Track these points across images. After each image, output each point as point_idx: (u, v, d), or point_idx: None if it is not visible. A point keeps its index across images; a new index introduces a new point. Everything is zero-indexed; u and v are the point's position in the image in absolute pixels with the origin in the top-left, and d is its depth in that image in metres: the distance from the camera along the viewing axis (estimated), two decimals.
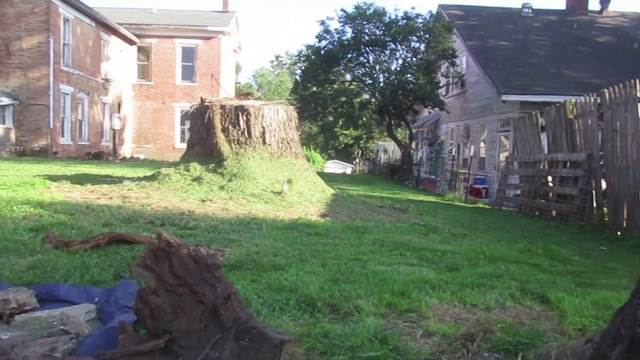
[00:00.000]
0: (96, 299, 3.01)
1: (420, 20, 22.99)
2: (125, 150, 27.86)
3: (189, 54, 28.70)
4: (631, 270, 4.92)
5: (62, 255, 3.88)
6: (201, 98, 9.73)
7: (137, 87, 28.71)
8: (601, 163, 8.82)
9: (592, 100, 9.22)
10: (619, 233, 7.93)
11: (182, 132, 27.92)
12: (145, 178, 9.43)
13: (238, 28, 33.72)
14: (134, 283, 3.15)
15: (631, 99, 7.96)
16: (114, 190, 8.12)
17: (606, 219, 8.54)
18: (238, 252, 4.45)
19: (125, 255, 4.06)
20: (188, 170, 8.90)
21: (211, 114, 9.11)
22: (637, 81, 7.82)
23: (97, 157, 22.72)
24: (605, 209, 8.65)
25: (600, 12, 24.78)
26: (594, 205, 8.92)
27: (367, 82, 24.52)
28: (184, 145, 12.27)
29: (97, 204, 6.89)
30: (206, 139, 9.30)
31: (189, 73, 28.80)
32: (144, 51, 28.82)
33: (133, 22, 27.96)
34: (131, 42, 27.88)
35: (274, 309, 3.01)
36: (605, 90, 8.72)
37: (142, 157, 27.36)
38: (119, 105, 26.96)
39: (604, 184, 8.76)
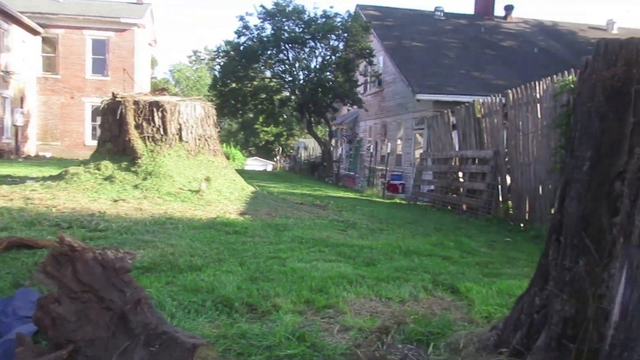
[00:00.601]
0: None
1: (338, 19, 23.32)
2: (30, 148, 25.92)
3: (100, 47, 27.18)
4: (532, 259, 5.28)
5: None
6: (113, 93, 9.26)
7: (42, 80, 26.77)
8: (506, 159, 9.41)
9: (497, 100, 9.81)
10: (522, 225, 8.50)
11: (94, 128, 26.42)
12: (51, 178, 8.83)
13: (153, 21, 32.44)
14: (34, 291, 2.93)
15: (532, 99, 8.57)
16: (15, 192, 7.52)
17: (511, 212, 9.13)
18: (152, 253, 4.29)
19: (26, 261, 3.79)
20: (99, 169, 8.44)
21: (124, 110, 8.70)
22: (537, 83, 8.41)
23: None
24: (509, 202, 9.25)
25: (505, 17, 26.42)
26: (500, 199, 9.51)
27: (287, 79, 24.53)
28: (95, 143, 11.62)
29: None
30: (118, 135, 8.86)
31: (100, 66, 27.28)
32: (50, 42, 26.92)
33: (37, 10, 26.01)
34: (35, 32, 25.93)
35: (189, 312, 2.92)
36: (509, 91, 9.31)
37: (48, 155, 25.58)
38: (22, 100, 25.01)
39: (508, 179, 9.35)
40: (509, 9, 26.53)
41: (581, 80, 1.86)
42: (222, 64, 25.82)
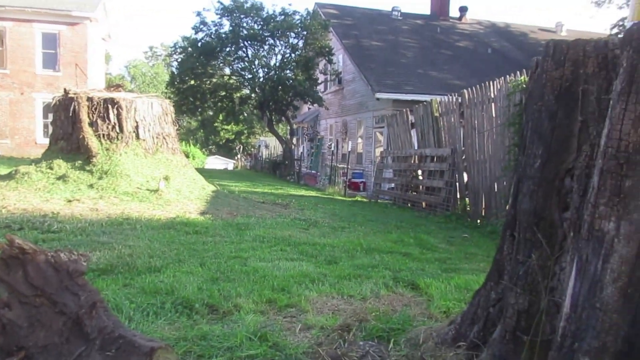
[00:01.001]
0: None
1: (297, 17, 23.30)
2: None
3: (50, 41, 26.18)
4: (488, 254, 5.43)
5: None
6: (65, 89, 8.95)
7: None
8: (463, 157, 9.63)
9: (454, 99, 10.02)
10: (478, 221, 8.73)
11: (45, 125, 25.46)
12: (1, 177, 8.47)
13: (107, 15, 31.51)
14: None
15: (486, 99, 8.80)
16: None
17: (468, 208, 9.35)
18: (109, 255, 4.18)
19: None
20: (51, 168, 8.15)
21: (77, 107, 8.43)
22: (491, 83, 8.65)
23: None
24: (467, 199, 9.47)
25: (460, 18, 27.02)
26: (458, 196, 9.73)
27: (246, 77, 24.31)
28: (47, 141, 11.21)
29: None
30: (72, 133, 8.58)
31: (51, 61, 26.28)
32: None
33: None
34: None
35: (148, 314, 2.87)
36: (465, 91, 9.54)
37: None
38: None
39: (466, 177, 9.58)
40: (463, 10, 27.16)
41: (532, 80, 1.93)
42: (179, 60, 25.35)
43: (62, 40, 26.21)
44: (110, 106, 8.59)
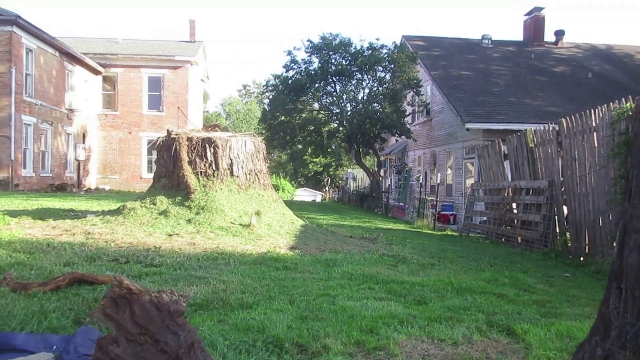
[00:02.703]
0: (54, 347, 2.89)
1: (385, 50, 23.53)
2: (90, 181, 27.26)
3: (155, 84, 28.54)
4: (593, 297, 5.03)
5: (19, 299, 3.73)
6: (167, 130, 9.65)
7: (102, 116, 28.30)
8: (562, 190, 9.08)
9: (550, 129, 9.54)
10: (581, 259, 8.13)
11: (149, 161, 27.54)
12: (110, 212, 9.23)
13: (205, 57, 33.81)
14: (94, 329, 3.04)
15: (587, 128, 8.28)
16: (77, 226, 7.90)
17: (569, 244, 8.75)
18: (205, 290, 4.37)
19: (86, 297, 3.93)
20: (154, 204, 8.75)
21: (178, 147, 9.04)
22: (592, 111, 8.14)
23: (61, 188, 22.13)
24: (567, 234, 8.88)
25: (556, 43, 25.88)
26: (557, 231, 9.14)
27: (334, 111, 24.82)
28: (151, 176, 12.09)
29: (58, 241, 6.68)
30: (173, 171, 9.19)
31: (155, 102, 28.58)
32: (109, 80, 28.53)
33: (98, 51, 27.74)
34: (96, 72, 27.59)
35: (240, 352, 2.95)
36: (563, 119, 9.05)
37: (107, 187, 26.80)
38: (84, 136, 26.47)
39: (565, 210, 9.00)
40: (559, 34, 26.00)
41: (637, 121, 1.80)
42: (271, 97, 26.49)
43: (165, 82, 28.44)
44: (207, 145, 9.13)
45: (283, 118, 25.31)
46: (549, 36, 26.19)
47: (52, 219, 8.91)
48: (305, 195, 44.66)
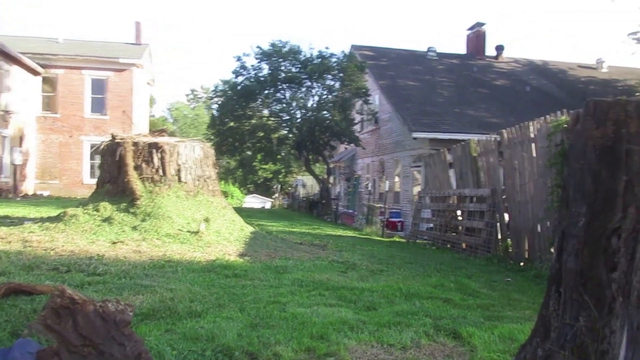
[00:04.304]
0: None
1: (334, 59, 23.78)
2: (28, 187, 25.92)
3: (99, 86, 27.57)
4: (533, 301, 5.26)
5: None
6: (112, 134, 9.36)
7: (41, 119, 27.03)
8: (504, 198, 9.45)
9: (492, 139, 9.93)
10: (521, 264, 8.47)
11: (92, 166, 26.54)
12: (50, 219, 8.82)
13: (152, 60, 33.03)
14: (33, 341, 2.88)
15: (526, 139, 8.68)
16: (13, 234, 7.49)
17: (510, 250, 9.11)
18: (151, 299, 4.26)
19: (24, 308, 3.75)
20: (98, 210, 8.44)
21: (123, 151, 8.78)
22: (531, 123, 8.55)
23: None
24: (509, 240, 9.24)
25: (496, 57, 26.99)
26: (499, 237, 9.50)
27: (284, 118, 24.82)
28: (94, 181, 11.65)
29: None
30: (117, 177, 8.91)
31: (99, 106, 27.60)
32: (49, 82, 27.31)
33: (37, 51, 26.48)
34: (35, 73, 26.34)
35: None
36: (504, 130, 9.44)
37: (46, 193, 25.57)
38: (21, 139, 25.17)
39: (507, 218, 9.37)
40: (499, 48, 27.16)
41: (573, 134, 1.92)
42: (220, 103, 26.16)
43: (109, 85, 27.53)
44: (154, 150, 8.91)
45: (232, 124, 25.06)
46: (490, 50, 27.32)
47: None
48: (254, 202, 44.31)
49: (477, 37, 26.84)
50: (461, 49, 28.17)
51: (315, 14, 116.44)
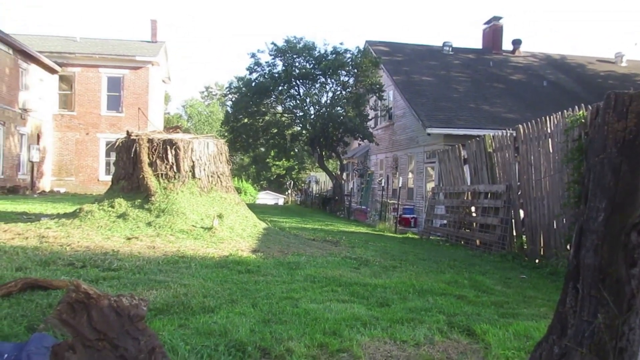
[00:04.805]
0: (6, 356, 2.76)
1: (348, 55, 23.72)
2: (45, 184, 26.30)
3: (115, 84, 27.84)
4: (549, 298, 5.19)
5: None
6: (127, 131, 9.43)
7: (58, 117, 27.39)
8: (519, 194, 9.34)
9: (508, 135, 9.81)
10: (537, 261, 8.37)
11: (107, 164, 26.83)
12: (66, 215, 8.93)
13: (167, 58, 33.24)
14: (49, 336, 2.92)
15: (543, 134, 8.56)
16: (30, 229, 7.60)
17: (525, 247, 9.00)
18: (165, 294, 4.28)
19: (40, 303, 3.79)
20: (113, 207, 8.52)
21: (138, 148, 8.84)
22: (547, 118, 8.42)
23: (13, 191, 21.28)
24: (524, 237, 9.13)
25: (513, 52, 26.70)
26: (514, 234, 9.40)
27: (298, 114, 24.84)
28: (109, 178, 11.78)
29: (10, 245, 6.41)
30: (132, 173, 8.98)
31: (115, 103, 27.87)
32: (66, 80, 27.64)
33: (55, 50, 26.84)
34: (53, 71, 26.68)
35: (202, 356, 2.90)
36: (520, 126, 9.32)
37: (63, 190, 25.93)
38: (39, 136, 25.54)
39: (522, 214, 9.26)
40: (516, 43, 26.85)
41: (593, 127, 1.88)
42: (234, 99, 26.28)
43: (125, 83, 27.77)
44: (168, 147, 8.96)
45: (246, 120, 25.15)
46: (506, 45, 27.03)
47: (3, 222, 8.55)
48: (267, 198, 44.46)
49: (493, 32, 26.56)
50: (477, 43, 27.89)
51: (330, 10, 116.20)
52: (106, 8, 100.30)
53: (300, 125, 25.55)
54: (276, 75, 23.81)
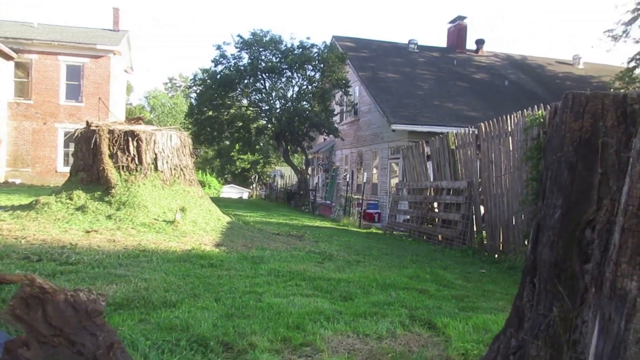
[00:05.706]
0: None
1: (315, 50, 23.66)
2: None
3: (74, 73, 26.94)
4: (507, 292, 5.34)
5: None
6: (87, 122, 9.16)
7: (14, 105, 26.33)
8: (480, 190, 9.56)
9: (470, 132, 10.02)
10: (496, 256, 8.60)
11: (66, 155, 26.00)
12: (21, 207, 8.61)
13: (130, 48, 32.40)
14: (2, 332, 2.83)
15: (503, 132, 8.78)
16: None
17: (485, 242, 9.23)
18: (125, 288, 4.19)
19: None
20: (71, 199, 8.27)
21: (98, 139, 8.60)
22: (508, 117, 8.64)
23: None
24: (484, 233, 9.36)
25: (476, 51, 27.23)
26: (475, 229, 9.62)
27: (263, 108, 24.65)
28: (67, 169, 11.41)
29: None
30: (92, 165, 8.74)
31: (74, 92, 26.99)
32: (23, 67, 26.57)
33: (10, 36, 25.75)
34: (8, 57, 25.61)
35: (163, 352, 2.86)
36: (482, 124, 9.53)
37: (18, 181, 24.99)
38: None
39: (482, 210, 9.49)
40: (480, 42, 27.39)
41: (551, 126, 1.93)
42: (198, 92, 25.83)
43: (85, 72, 26.94)
44: (130, 139, 8.76)
45: (211, 113, 24.78)
46: (470, 44, 27.54)
47: None
48: (232, 192, 44.04)
49: (458, 31, 27.00)
50: (442, 42, 28.31)
51: (298, 4, 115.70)
52: None
53: (266, 119, 25.37)
54: (242, 68, 23.53)
